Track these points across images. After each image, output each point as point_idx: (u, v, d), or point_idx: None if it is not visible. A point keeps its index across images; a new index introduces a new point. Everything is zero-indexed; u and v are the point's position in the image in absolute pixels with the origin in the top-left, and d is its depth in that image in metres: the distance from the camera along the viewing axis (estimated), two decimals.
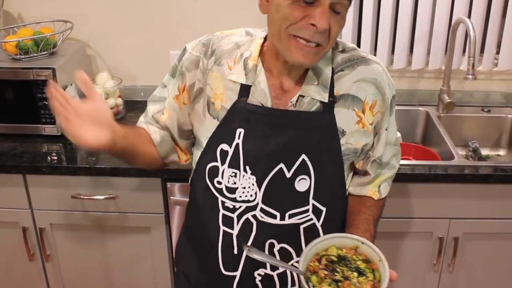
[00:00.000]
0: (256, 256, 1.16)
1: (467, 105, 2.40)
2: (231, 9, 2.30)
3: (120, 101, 2.29)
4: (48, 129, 2.10)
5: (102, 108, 1.20)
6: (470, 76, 2.01)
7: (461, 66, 2.35)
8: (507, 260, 2.04)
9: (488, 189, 1.89)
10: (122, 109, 2.31)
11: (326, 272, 1.09)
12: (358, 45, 2.32)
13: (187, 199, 1.84)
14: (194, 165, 1.38)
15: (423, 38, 2.29)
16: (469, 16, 2.21)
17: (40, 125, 2.10)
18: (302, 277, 1.08)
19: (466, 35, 2.24)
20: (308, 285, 1.07)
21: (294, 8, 1.10)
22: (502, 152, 2.35)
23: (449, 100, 2.25)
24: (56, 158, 1.97)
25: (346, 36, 2.29)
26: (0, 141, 2.08)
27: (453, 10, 2.24)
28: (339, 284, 1.07)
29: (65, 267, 2.13)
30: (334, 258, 1.13)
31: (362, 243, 1.15)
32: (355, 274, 1.09)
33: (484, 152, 2.31)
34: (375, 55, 2.33)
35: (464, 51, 2.33)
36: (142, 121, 1.44)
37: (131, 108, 2.37)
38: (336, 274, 1.09)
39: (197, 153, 1.35)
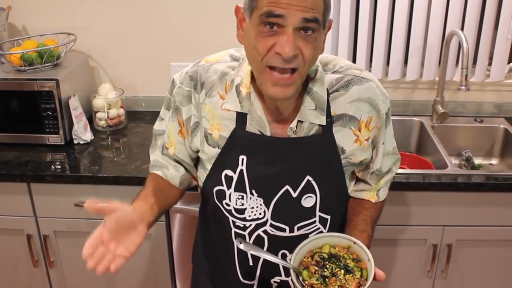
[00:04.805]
0: (245, 248, 1.21)
1: (460, 115, 2.41)
2: (230, 22, 2.29)
3: (122, 111, 2.34)
4: (52, 139, 2.13)
5: (123, 212, 1.16)
6: (463, 87, 2.03)
7: (454, 77, 2.38)
8: (500, 266, 2.07)
9: (480, 197, 1.92)
10: (124, 119, 2.35)
11: (316, 268, 1.15)
12: (354, 57, 2.36)
13: (188, 207, 1.90)
14: (199, 180, 1.39)
15: (417, 50, 2.32)
16: (462, 29, 2.24)
17: (44, 135, 2.13)
18: (292, 270, 1.14)
19: (459, 47, 2.27)
20: (298, 279, 1.13)
21: (260, 40, 1.09)
22: (494, 161, 2.36)
23: (442, 111, 2.27)
24: (59, 167, 2.00)
25: (343, 49, 2.32)
26: (5, 150, 2.11)
27: (446, 23, 2.27)
28: (327, 279, 1.13)
29: (69, 273, 2.15)
30: (325, 255, 1.18)
31: (354, 243, 1.20)
32: (343, 271, 1.14)
33: (477, 161, 2.32)
34: (370, 66, 2.37)
35: (457, 62, 2.36)
36: (156, 165, 1.42)
37: (133, 118, 2.41)
38: (325, 270, 1.14)
39: (201, 172, 1.37)
